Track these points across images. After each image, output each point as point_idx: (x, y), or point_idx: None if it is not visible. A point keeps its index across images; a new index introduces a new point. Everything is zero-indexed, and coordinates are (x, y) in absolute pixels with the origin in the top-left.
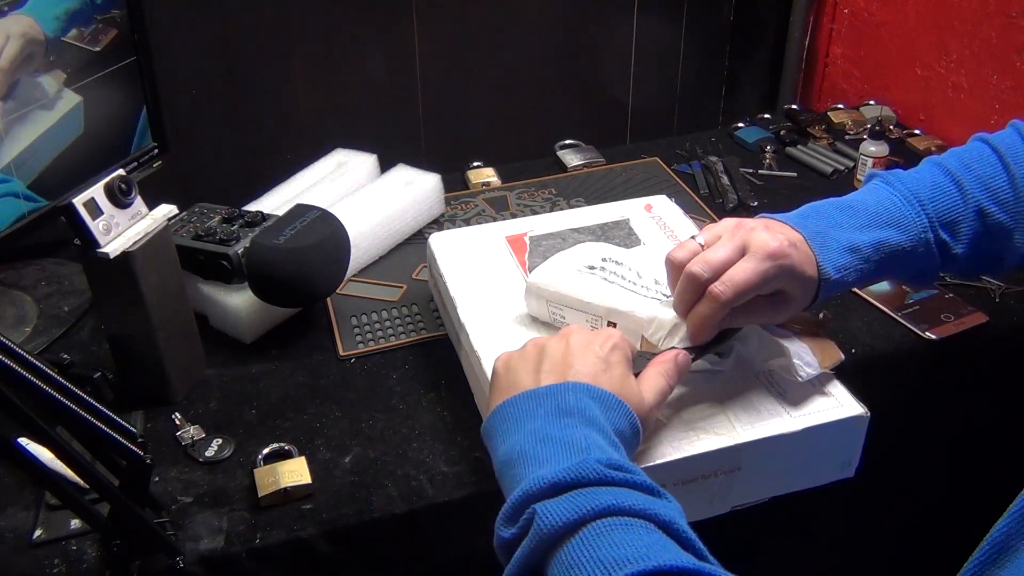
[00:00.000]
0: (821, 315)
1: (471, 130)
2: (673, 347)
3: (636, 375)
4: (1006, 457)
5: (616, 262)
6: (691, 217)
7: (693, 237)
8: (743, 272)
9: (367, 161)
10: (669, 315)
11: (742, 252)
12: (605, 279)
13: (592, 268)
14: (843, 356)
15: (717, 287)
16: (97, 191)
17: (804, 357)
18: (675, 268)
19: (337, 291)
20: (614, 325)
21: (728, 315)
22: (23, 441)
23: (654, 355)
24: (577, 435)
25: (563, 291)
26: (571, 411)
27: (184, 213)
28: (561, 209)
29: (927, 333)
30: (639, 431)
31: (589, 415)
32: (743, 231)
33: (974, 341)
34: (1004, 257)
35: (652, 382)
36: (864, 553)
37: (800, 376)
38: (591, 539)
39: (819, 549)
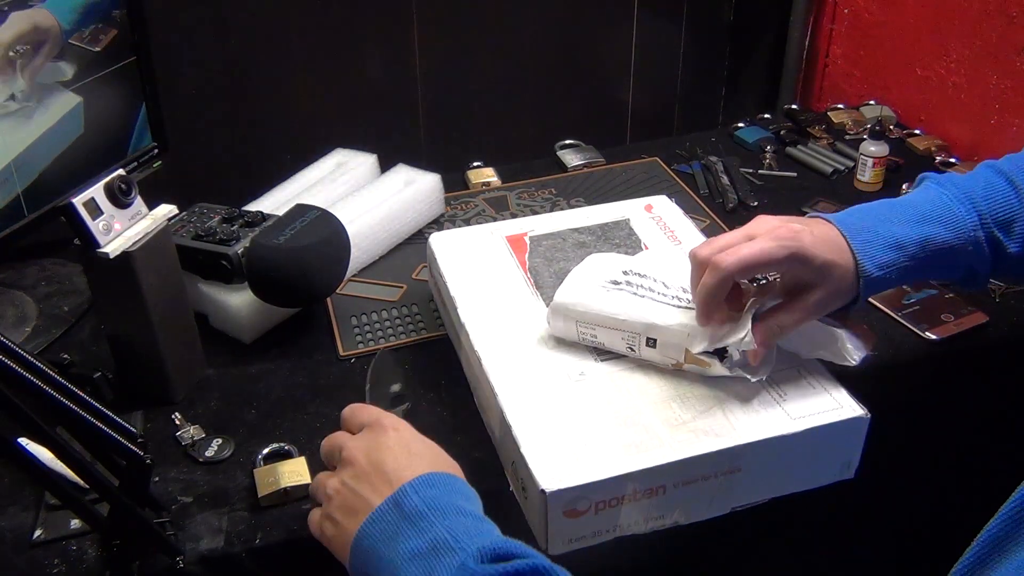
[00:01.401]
0: None
1: (471, 130)
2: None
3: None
4: (1006, 457)
5: (639, 274)
6: (691, 217)
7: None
8: (747, 247)
9: (367, 161)
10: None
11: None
12: (635, 293)
13: (617, 283)
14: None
15: (719, 255)
16: (97, 191)
17: (853, 341)
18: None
19: (337, 291)
20: (654, 341)
21: (766, 327)
22: (23, 441)
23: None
24: (440, 534)
25: (595, 310)
26: (420, 513)
27: (184, 213)
28: (561, 209)
29: (927, 333)
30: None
31: (439, 506)
32: (758, 223)
33: (974, 341)
34: None
35: None
36: (864, 554)
37: (852, 360)
38: None
39: (819, 550)
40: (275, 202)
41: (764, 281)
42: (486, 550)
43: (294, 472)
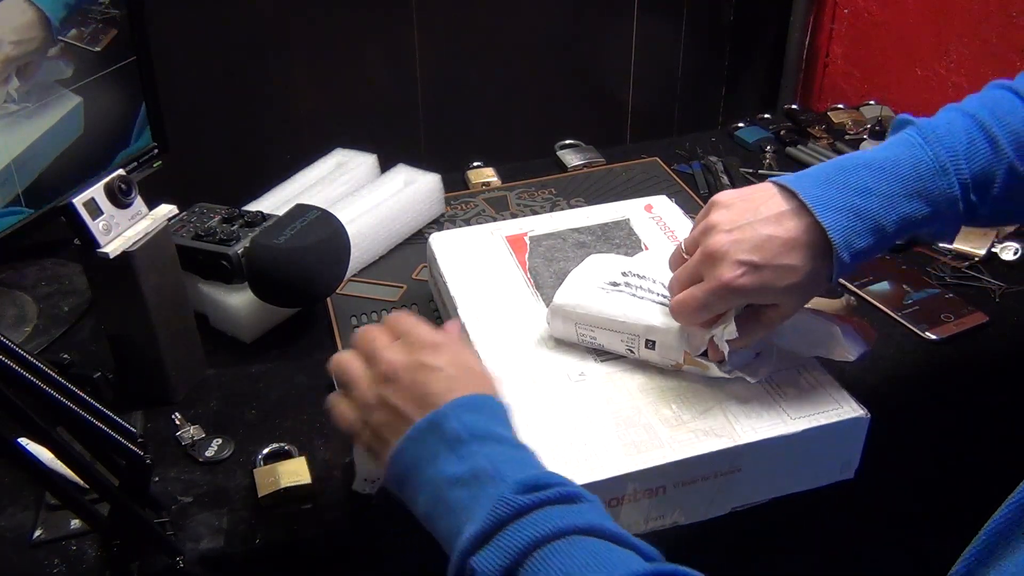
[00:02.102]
0: (845, 300)
1: (471, 130)
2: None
3: None
4: (1007, 457)
5: (638, 275)
6: (691, 217)
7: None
8: (690, 298)
9: (367, 161)
10: None
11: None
12: (634, 295)
13: (616, 284)
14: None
15: (674, 304)
16: (97, 191)
17: (851, 336)
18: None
19: (337, 291)
20: (653, 343)
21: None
22: (23, 441)
23: None
24: (481, 462)
25: (594, 311)
26: (460, 439)
27: (184, 213)
28: (561, 209)
29: (927, 333)
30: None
31: (478, 432)
32: (711, 241)
33: (974, 341)
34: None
35: None
36: (864, 554)
37: (850, 356)
38: None
39: (818, 550)
40: (275, 202)
41: None
42: (524, 482)
43: (294, 472)
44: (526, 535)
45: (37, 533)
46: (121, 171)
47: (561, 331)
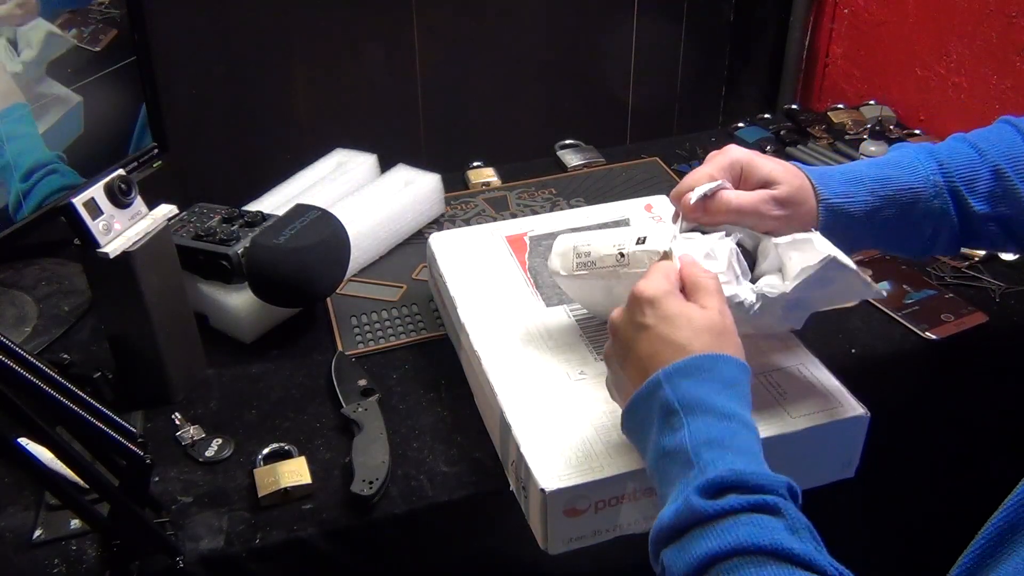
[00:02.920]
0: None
1: (471, 130)
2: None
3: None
4: (1006, 457)
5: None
6: None
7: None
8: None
9: (367, 161)
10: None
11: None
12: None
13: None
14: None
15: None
16: (97, 191)
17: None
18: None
19: (337, 291)
20: (644, 239)
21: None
22: (23, 441)
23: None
24: (683, 439)
25: (591, 233)
26: (672, 409)
27: (184, 213)
28: (561, 209)
29: (927, 333)
30: (735, 357)
31: (689, 401)
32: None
33: (974, 341)
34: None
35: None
36: (864, 553)
37: (882, 293)
38: None
39: None
40: (275, 202)
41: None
42: (712, 482)
43: (294, 472)
44: (706, 547)
45: (37, 533)
46: (121, 171)
47: (559, 262)
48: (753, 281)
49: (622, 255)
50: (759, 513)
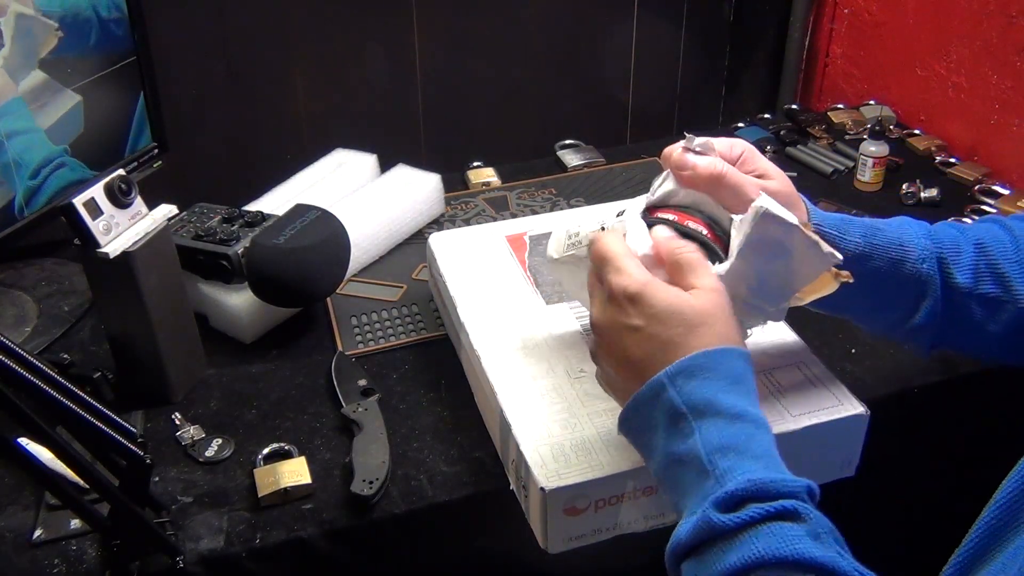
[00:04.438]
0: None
1: (471, 130)
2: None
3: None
4: (1006, 457)
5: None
6: None
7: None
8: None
9: (367, 161)
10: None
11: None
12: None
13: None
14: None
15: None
16: (97, 191)
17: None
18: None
19: (337, 291)
20: (623, 212)
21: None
22: (23, 441)
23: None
24: (695, 445)
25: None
26: (679, 413)
27: (184, 213)
28: (561, 209)
29: None
30: (736, 348)
31: (696, 403)
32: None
33: None
34: (1008, 311)
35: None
36: (864, 552)
37: (837, 257)
38: None
39: None
40: (275, 202)
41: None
42: (730, 495)
43: (294, 472)
44: (728, 562)
45: (37, 533)
46: (121, 171)
47: (555, 245)
48: None
49: (603, 229)
50: (780, 521)
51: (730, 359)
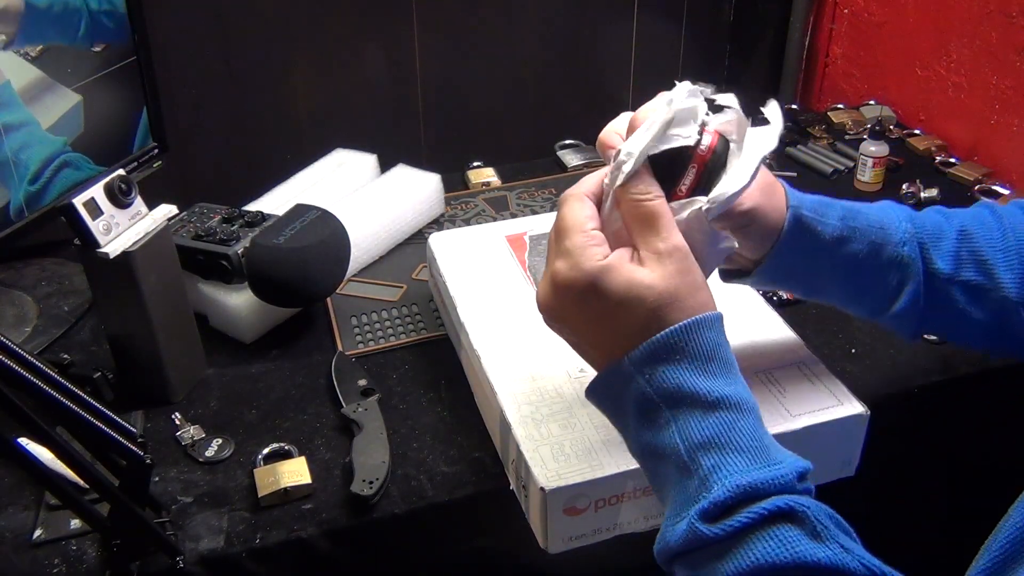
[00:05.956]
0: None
1: (471, 130)
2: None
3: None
4: (1006, 457)
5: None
6: None
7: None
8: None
9: (367, 161)
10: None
11: None
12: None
13: None
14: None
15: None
16: (97, 191)
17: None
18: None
19: (337, 291)
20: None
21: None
22: (23, 441)
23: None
24: (671, 442)
25: None
26: (651, 403)
27: (184, 213)
28: None
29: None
30: (705, 314)
31: (669, 391)
32: None
33: None
34: (991, 298)
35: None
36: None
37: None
38: None
39: None
40: (275, 202)
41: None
42: (715, 503)
43: (294, 472)
44: (723, 573)
45: (37, 533)
46: (121, 171)
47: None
48: None
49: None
50: (774, 524)
51: (700, 331)
